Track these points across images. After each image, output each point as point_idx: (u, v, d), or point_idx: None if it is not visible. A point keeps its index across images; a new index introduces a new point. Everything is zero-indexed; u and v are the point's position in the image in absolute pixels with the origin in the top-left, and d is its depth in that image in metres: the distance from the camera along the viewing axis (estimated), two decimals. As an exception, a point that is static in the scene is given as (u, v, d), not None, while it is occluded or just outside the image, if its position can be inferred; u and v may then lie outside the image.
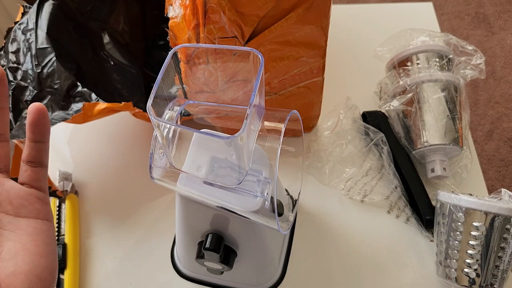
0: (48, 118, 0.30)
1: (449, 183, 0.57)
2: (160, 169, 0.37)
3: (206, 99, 0.43)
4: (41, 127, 0.30)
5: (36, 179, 0.31)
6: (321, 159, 0.60)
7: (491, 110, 1.44)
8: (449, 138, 0.54)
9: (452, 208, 0.47)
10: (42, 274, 0.28)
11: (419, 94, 0.57)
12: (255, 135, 0.33)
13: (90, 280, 0.54)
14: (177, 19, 0.46)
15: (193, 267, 0.51)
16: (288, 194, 0.46)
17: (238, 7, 0.43)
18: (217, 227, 0.42)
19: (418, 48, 0.60)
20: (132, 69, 0.67)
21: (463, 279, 0.46)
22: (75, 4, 0.61)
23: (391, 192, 0.57)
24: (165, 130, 0.34)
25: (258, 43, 0.46)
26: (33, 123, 0.30)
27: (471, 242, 0.45)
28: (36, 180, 0.31)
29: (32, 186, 0.31)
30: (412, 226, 0.55)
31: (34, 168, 0.31)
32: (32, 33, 0.57)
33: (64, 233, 0.56)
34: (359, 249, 0.54)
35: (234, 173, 0.34)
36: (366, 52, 0.66)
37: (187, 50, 0.45)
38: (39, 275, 0.28)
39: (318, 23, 0.46)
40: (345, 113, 0.62)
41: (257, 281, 0.50)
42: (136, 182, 0.61)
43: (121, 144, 0.66)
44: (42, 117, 0.30)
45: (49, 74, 0.55)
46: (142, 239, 0.57)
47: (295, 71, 0.51)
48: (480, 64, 0.58)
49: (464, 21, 1.67)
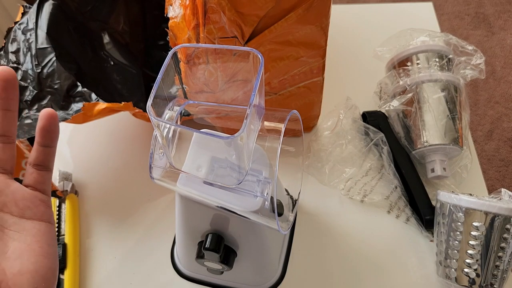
0: (58, 124, 0.32)
1: (449, 183, 0.57)
2: (160, 169, 0.37)
3: (206, 99, 0.43)
4: (51, 133, 0.31)
5: (41, 182, 0.32)
6: (321, 159, 0.60)
7: (491, 110, 1.44)
8: (449, 138, 0.54)
9: (452, 208, 0.47)
10: (46, 274, 0.29)
11: (419, 94, 0.57)
12: (255, 135, 0.33)
13: (90, 280, 0.54)
14: (177, 19, 0.46)
15: (193, 267, 0.51)
16: (288, 194, 0.46)
17: (238, 7, 0.43)
18: (217, 227, 0.42)
19: (418, 48, 0.60)
20: (132, 69, 0.67)
21: (463, 279, 0.46)
22: (75, 4, 0.61)
23: (391, 192, 0.57)
24: (165, 130, 0.34)
25: (258, 43, 0.46)
26: (44, 128, 0.31)
27: (471, 242, 0.45)
28: (41, 183, 0.32)
29: (37, 189, 0.32)
30: (412, 226, 0.55)
31: (40, 171, 0.32)
32: (32, 33, 0.57)
33: (64, 233, 0.56)
34: (359, 249, 0.54)
35: (234, 173, 0.34)
36: (366, 52, 0.66)
37: (187, 50, 0.45)
38: (44, 275, 0.28)
39: (318, 23, 0.46)
40: (345, 113, 0.62)
41: (257, 281, 0.50)
42: (136, 182, 0.61)
43: (121, 144, 0.66)
44: (53, 123, 0.31)
45: (49, 74, 0.55)
46: (142, 239, 0.57)
47: (295, 71, 0.51)
48: (480, 64, 0.58)
49: (464, 21, 1.67)
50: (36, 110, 0.53)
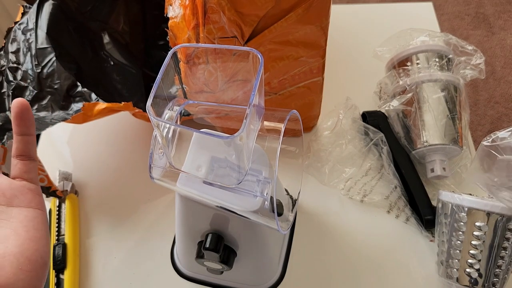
0: (31, 111, 0.33)
1: (449, 183, 0.57)
2: (160, 169, 0.37)
3: (206, 99, 0.43)
4: (25, 120, 0.32)
5: (26, 171, 0.33)
6: (321, 159, 0.60)
7: (491, 110, 1.44)
8: (449, 138, 0.54)
9: (455, 208, 0.47)
10: (32, 256, 0.29)
11: (419, 94, 0.57)
12: (254, 135, 0.33)
13: (90, 280, 0.54)
14: (177, 19, 0.46)
15: (193, 267, 0.51)
16: (288, 194, 0.46)
17: (237, 7, 0.43)
18: (217, 227, 0.42)
19: (418, 48, 0.60)
20: (132, 69, 0.67)
21: (464, 279, 0.46)
22: (75, 4, 0.61)
23: (391, 192, 0.57)
24: (164, 130, 0.34)
25: (258, 43, 0.46)
26: (17, 116, 0.32)
27: (474, 242, 0.45)
28: (26, 172, 0.33)
29: (24, 179, 0.33)
30: (412, 226, 0.54)
31: (24, 161, 0.33)
32: (32, 33, 0.57)
33: (64, 233, 0.56)
34: (359, 249, 0.54)
35: (234, 173, 0.34)
36: (366, 52, 0.66)
37: (187, 50, 0.45)
38: (29, 257, 0.29)
39: (318, 23, 0.46)
40: (345, 113, 0.62)
41: (257, 281, 0.50)
42: (136, 182, 0.61)
43: (121, 144, 0.66)
44: (25, 109, 0.32)
45: (49, 74, 0.55)
46: (142, 239, 0.57)
47: (295, 71, 0.51)
48: (480, 64, 0.58)
49: (464, 21, 1.67)
50: (36, 110, 0.53)
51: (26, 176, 0.33)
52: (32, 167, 0.33)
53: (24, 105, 0.32)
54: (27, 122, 0.33)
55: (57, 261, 0.53)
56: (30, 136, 0.33)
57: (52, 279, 0.52)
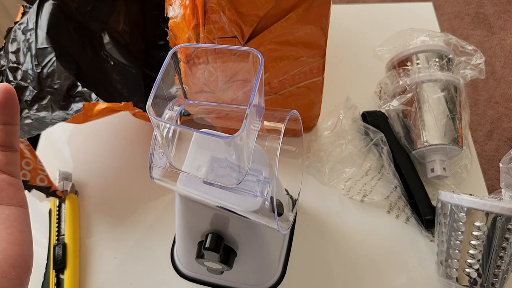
0: (17, 99, 0.30)
1: (449, 183, 0.57)
2: (160, 169, 0.37)
3: (206, 99, 0.43)
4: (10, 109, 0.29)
5: (7, 164, 0.29)
6: (321, 159, 0.60)
7: (491, 110, 1.44)
8: (449, 138, 0.54)
9: (454, 208, 0.47)
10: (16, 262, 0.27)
11: (419, 94, 0.57)
12: (254, 135, 0.33)
13: (90, 280, 0.54)
14: (177, 19, 0.46)
15: (193, 267, 0.51)
16: (288, 194, 0.46)
17: (238, 7, 0.43)
18: (217, 227, 0.42)
19: (418, 48, 0.60)
20: (132, 69, 0.67)
21: (464, 279, 0.46)
22: (75, 4, 0.61)
23: (391, 192, 0.57)
24: (164, 130, 0.34)
25: (258, 43, 0.46)
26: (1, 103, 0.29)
27: (473, 242, 0.45)
28: (7, 164, 0.29)
29: (4, 172, 0.29)
30: (412, 226, 0.54)
31: (5, 152, 0.30)
32: (32, 33, 0.57)
33: (64, 233, 0.56)
34: (359, 249, 0.54)
35: (234, 173, 0.34)
36: (366, 52, 0.66)
37: (187, 50, 0.45)
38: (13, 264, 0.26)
39: (318, 23, 0.46)
40: (345, 113, 0.62)
41: (257, 281, 0.50)
42: (136, 182, 0.61)
43: (121, 144, 0.66)
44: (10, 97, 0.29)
45: (49, 74, 0.55)
46: (142, 239, 0.57)
47: (295, 71, 0.51)
48: (480, 64, 0.58)
49: (464, 21, 1.67)
50: (36, 110, 0.53)
51: (6, 169, 0.29)
52: (13, 159, 0.30)
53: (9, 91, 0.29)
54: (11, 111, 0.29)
55: (57, 261, 0.53)
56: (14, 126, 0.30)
57: (52, 279, 0.52)
